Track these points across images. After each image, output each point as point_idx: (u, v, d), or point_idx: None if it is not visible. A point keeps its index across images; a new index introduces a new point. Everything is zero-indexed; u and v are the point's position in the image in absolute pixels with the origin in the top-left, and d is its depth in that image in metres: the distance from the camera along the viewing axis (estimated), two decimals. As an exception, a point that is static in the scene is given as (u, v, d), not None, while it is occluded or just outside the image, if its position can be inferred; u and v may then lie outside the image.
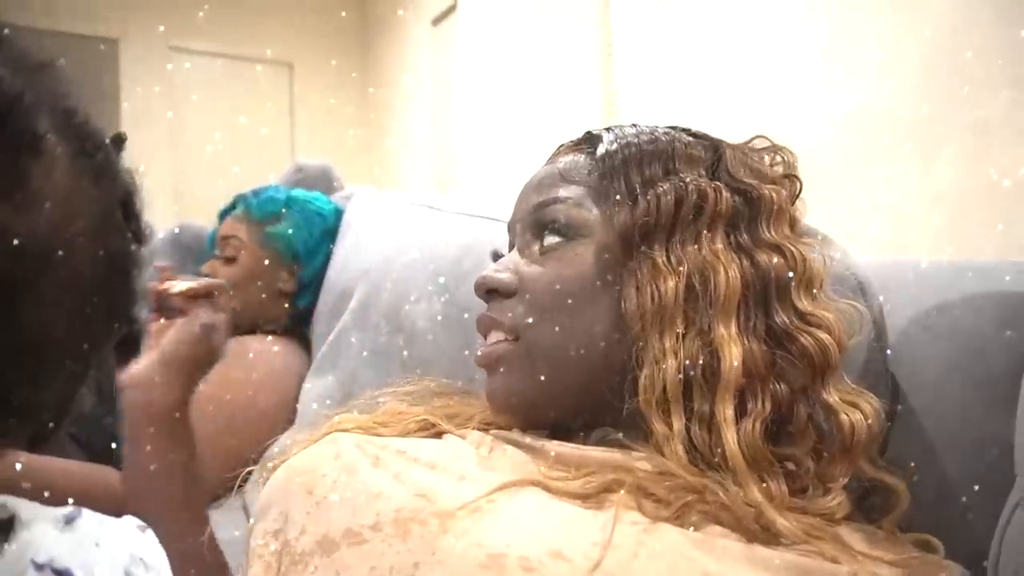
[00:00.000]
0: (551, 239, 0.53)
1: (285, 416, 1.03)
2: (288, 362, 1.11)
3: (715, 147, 0.55)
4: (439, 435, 0.52)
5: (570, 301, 0.50)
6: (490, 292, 0.53)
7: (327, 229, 1.23)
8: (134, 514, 0.37)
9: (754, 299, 0.48)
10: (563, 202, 0.53)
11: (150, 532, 0.38)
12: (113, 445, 1.03)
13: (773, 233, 0.50)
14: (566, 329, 0.50)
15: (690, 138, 0.55)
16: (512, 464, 0.46)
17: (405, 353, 0.83)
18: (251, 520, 0.50)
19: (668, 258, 0.49)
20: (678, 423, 0.44)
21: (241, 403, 1.04)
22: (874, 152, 1.98)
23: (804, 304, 0.48)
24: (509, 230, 0.59)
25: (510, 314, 0.51)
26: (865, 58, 2.03)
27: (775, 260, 0.48)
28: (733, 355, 0.45)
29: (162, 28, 4.05)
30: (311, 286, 1.21)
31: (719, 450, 0.43)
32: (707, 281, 0.47)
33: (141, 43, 4.16)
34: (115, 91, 4.05)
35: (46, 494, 0.91)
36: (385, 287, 0.92)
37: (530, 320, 0.51)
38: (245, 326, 1.19)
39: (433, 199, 1.08)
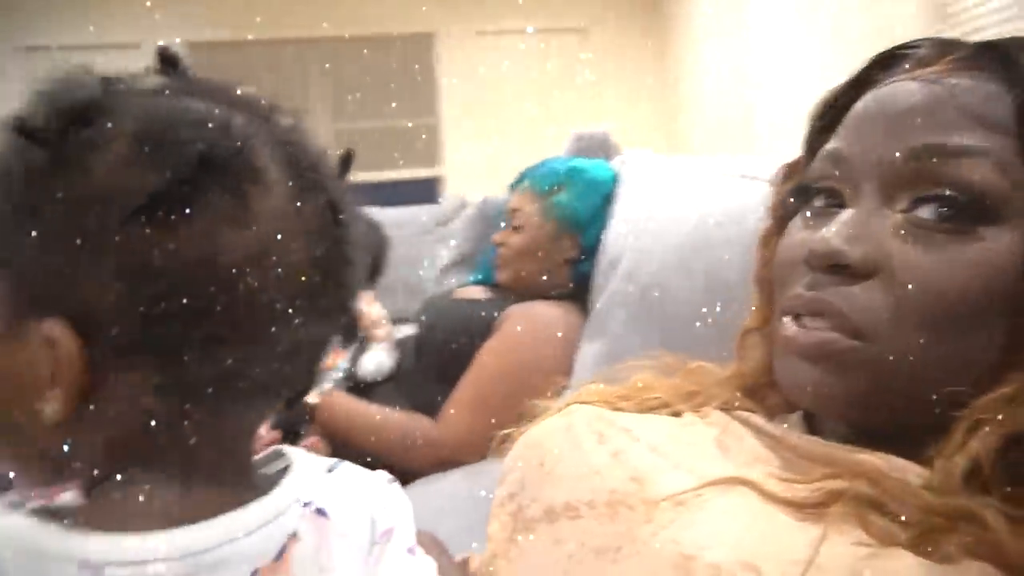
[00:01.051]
0: (944, 207, 0.38)
1: (562, 379, 1.09)
2: (568, 326, 1.16)
3: None
4: (678, 413, 0.51)
5: (960, 311, 0.37)
6: (835, 267, 0.39)
7: (606, 195, 1.25)
8: None
9: None
10: (980, 156, 0.37)
11: (396, 485, 0.44)
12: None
13: None
14: (940, 345, 0.37)
15: None
16: (745, 452, 0.43)
17: (663, 322, 0.82)
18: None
19: None
20: (980, 443, 0.34)
21: (523, 365, 1.13)
22: None
23: None
24: (840, 167, 0.42)
25: (860, 307, 0.38)
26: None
27: None
28: None
29: (470, 15, 4.44)
30: (592, 252, 1.25)
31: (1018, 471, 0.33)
32: None
33: (453, 32, 4.60)
34: (432, 82, 4.56)
35: (372, 438, 1.10)
36: (649, 253, 0.91)
37: (894, 325, 0.38)
38: (530, 292, 1.28)
39: (706, 160, 1.04)
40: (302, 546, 0.34)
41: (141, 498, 0.31)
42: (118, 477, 0.31)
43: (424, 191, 4.87)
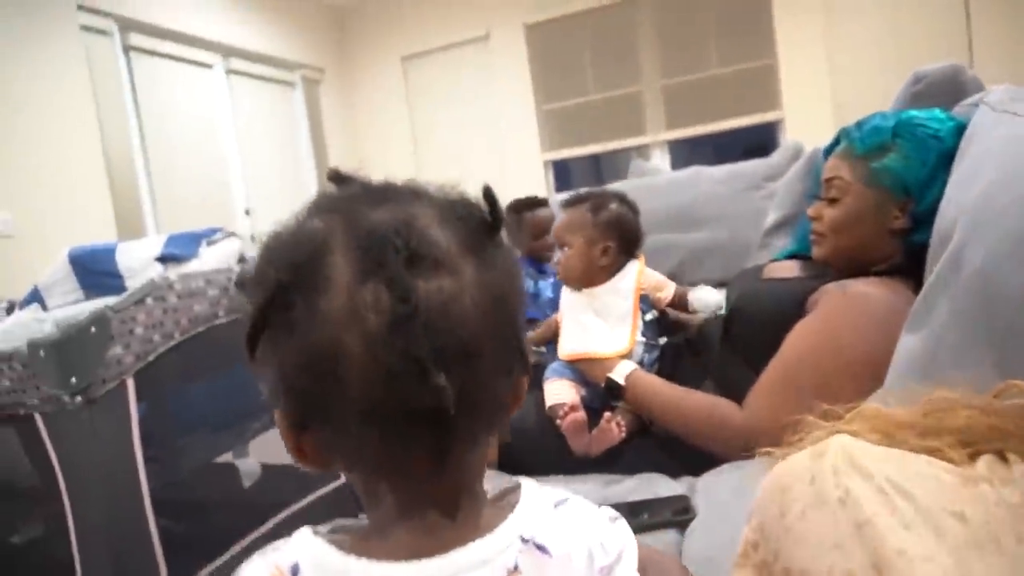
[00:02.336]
0: None
1: (876, 370, 0.94)
2: (890, 309, 1.01)
3: None
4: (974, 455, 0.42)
5: None
6: None
7: (944, 153, 1.05)
8: None
9: None
10: None
11: (620, 522, 0.45)
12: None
13: None
14: None
15: None
16: None
17: (990, 324, 0.66)
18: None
19: None
20: None
21: (835, 351, 1.02)
22: None
23: None
24: None
25: None
26: None
27: None
28: None
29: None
30: (928, 221, 1.07)
31: None
32: None
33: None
34: (768, 20, 4.21)
35: (676, 419, 1.13)
36: (982, 231, 0.74)
37: None
38: (851, 268, 1.14)
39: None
40: None
41: (391, 535, 0.40)
42: (378, 517, 0.42)
43: (764, 137, 4.61)
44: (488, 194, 0.42)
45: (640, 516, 0.95)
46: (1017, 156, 0.79)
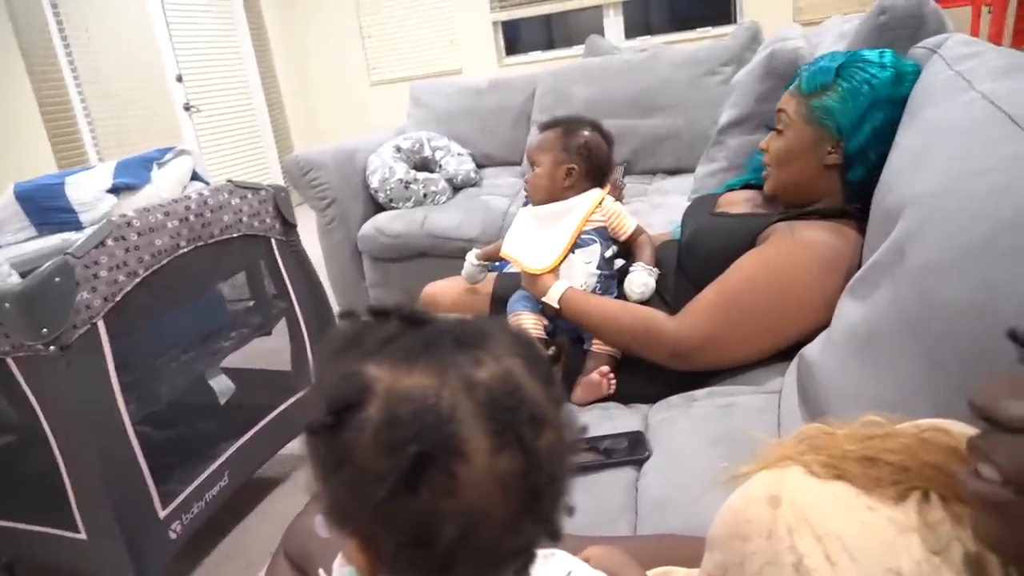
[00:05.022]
0: None
1: (822, 313, 1.04)
2: (837, 254, 1.09)
3: None
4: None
5: None
6: None
7: (877, 99, 1.11)
8: None
9: None
10: None
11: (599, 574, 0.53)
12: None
13: None
14: None
15: None
16: None
17: (929, 330, 0.70)
18: None
19: None
20: None
21: (773, 286, 1.11)
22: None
23: None
24: None
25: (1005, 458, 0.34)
26: None
27: None
28: None
29: None
30: (861, 159, 1.14)
31: None
32: None
33: None
34: None
35: (612, 330, 1.20)
36: (928, 229, 0.76)
37: None
38: (797, 201, 1.22)
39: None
40: None
41: None
42: None
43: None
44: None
45: (600, 451, 1.05)
46: (970, 149, 0.80)
